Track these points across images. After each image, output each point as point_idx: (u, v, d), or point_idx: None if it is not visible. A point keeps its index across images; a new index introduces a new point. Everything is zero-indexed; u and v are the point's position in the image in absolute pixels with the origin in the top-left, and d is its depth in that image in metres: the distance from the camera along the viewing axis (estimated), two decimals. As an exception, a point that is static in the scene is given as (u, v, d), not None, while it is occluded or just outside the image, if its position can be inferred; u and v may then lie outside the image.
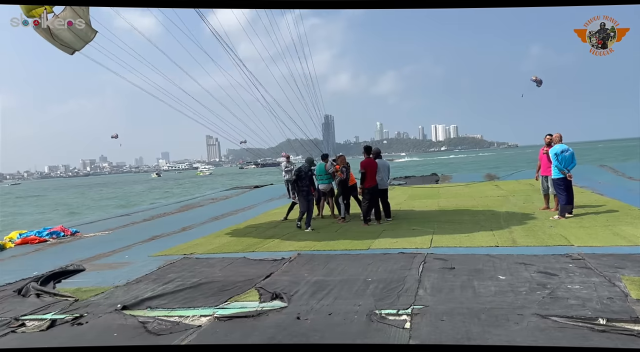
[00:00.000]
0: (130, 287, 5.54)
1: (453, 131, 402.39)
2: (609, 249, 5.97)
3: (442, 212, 10.32)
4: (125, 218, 13.82)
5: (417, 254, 6.34)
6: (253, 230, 9.54)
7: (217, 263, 6.59)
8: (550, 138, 8.98)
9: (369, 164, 9.14)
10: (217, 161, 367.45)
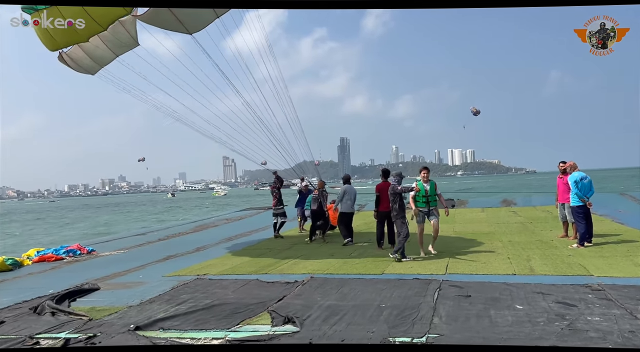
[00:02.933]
0: (143, 308, 5.55)
1: (470, 156, 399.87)
2: (630, 280, 5.81)
3: (458, 237, 10.19)
4: (140, 237, 13.94)
5: (432, 280, 6.24)
6: (267, 251, 9.54)
7: (230, 285, 6.58)
8: (565, 165, 8.91)
9: (384, 188, 9.11)
10: (232, 182, 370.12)
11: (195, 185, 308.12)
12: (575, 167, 8.56)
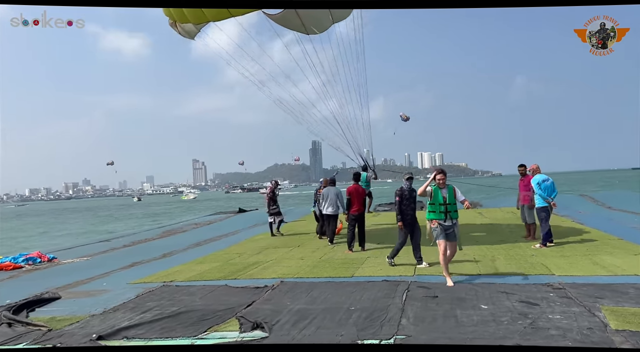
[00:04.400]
0: (107, 316, 5.38)
1: (439, 159, 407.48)
2: (589, 278, 6.03)
3: (426, 239, 10.33)
4: (105, 244, 13.53)
5: (400, 282, 6.32)
6: (236, 256, 9.42)
7: (198, 291, 6.47)
8: (523, 169, 9.22)
9: (355, 191, 9.28)
10: (202, 185, 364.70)
11: (164, 188, 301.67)
12: (538, 170, 8.84)
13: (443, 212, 6.31)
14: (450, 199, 6.35)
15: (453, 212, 6.34)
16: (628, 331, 4.02)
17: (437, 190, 6.36)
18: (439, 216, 6.30)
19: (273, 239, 11.84)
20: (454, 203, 6.38)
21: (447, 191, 6.38)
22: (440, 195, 6.34)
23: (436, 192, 6.35)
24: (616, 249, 7.81)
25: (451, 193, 6.38)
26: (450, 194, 6.37)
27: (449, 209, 6.32)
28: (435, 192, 6.35)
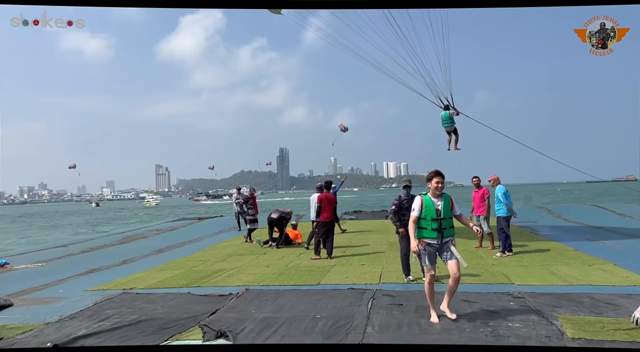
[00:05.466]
0: (62, 324, 5.15)
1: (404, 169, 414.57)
2: (547, 288, 6.25)
3: (391, 247, 10.46)
4: (61, 249, 12.98)
5: (366, 290, 6.35)
6: (199, 264, 9.23)
7: (159, 299, 6.29)
8: (477, 180, 9.52)
9: (325, 199, 9.45)
10: (165, 191, 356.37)
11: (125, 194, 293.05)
12: (499, 181, 9.14)
13: (436, 230, 4.87)
14: (445, 212, 4.92)
15: (448, 229, 4.93)
16: (583, 339, 4.18)
17: (429, 200, 4.95)
18: (430, 234, 4.89)
19: (238, 246, 11.71)
20: (450, 218, 4.97)
21: (442, 201, 4.96)
22: (434, 206, 4.91)
23: (428, 203, 4.94)
24: (571, 260, 8.13)
25: (447, 204, 4.94)
26: (446, 205, 4.93)
27: (443, 225, 4.89)
28: (426, 202, 4.95)
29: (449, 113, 11.66)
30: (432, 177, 4.97)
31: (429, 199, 4.98)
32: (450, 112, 11.66)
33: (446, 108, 11.64)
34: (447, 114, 11.68)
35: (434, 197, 4.97)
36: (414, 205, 5.00)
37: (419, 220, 4.95)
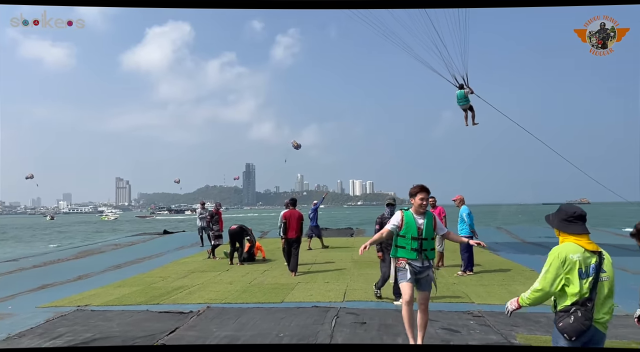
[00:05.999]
0: (11, 343, 4.87)
1: (369, 187, 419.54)
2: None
3: (356, 264, 10.50)
4: (11, 264, 12.32)
5: (330, 308, 6.32)
6: (159, 280, 8.96)
7: (116, 316, 6.05)
8: (434, 200, 9.76)
9: (291, 216, 9.51)
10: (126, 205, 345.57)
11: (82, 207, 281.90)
12: (463, 201, 9.37)
13: (416, 250, 4.48)
14: (428, 231, 4.50)
15: (429, 251, 4.53)
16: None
17: (410, 217, 4.53)
18: (409, 254, 4.49)
19: (201, 262, 11.47)
20: (432, 239, 4.56)
21: (425, 219, 4.53)
22: (415, 224, 4.50)
23: (410, 220, 4.51)
24: (529, 280, 8.38)
25: (430, 223, 4.53)
26: (429, 224, 4.52)
27: (424, 246, 4.49)
28: (407, 218, 4.52)
29: (464, 92, 12.27)
30: (416, 192, 4.52)
31: (410, 215, 4.54)
32: (465, 91, 12.30)
33: (461, 87, 12.23)
34: (462, 93, 12.32)
35: (417, 214, 4.54)
36: (393, 219, 4.56)
37: (397, 238, 4.52)
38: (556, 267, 2.97)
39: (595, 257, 2.96)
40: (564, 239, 3.09)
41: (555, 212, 3.22)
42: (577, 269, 2.92)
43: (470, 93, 12.18)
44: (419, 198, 4.50)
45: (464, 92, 12.11)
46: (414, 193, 4.54)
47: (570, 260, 2.93)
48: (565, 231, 3.09)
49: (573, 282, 2.93)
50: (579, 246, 2.98)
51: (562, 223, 3.10)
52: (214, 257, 11.91)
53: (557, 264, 2.97)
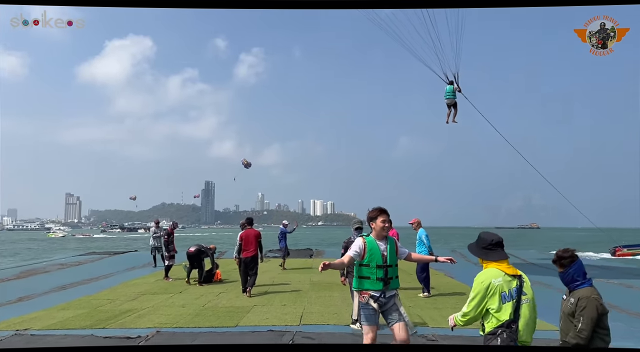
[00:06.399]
0: None
1: (330, 207, 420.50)
2: (459, 331, 6.47)
3: (314, 286, 10.41)
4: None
5: (285, 332, 6.20)
6: (107, 303, 8.53)
7: (58, 341, 5.70)
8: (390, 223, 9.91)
9: (247, 235, 9.46)
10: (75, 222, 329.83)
11: (28, 224, 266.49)
12: (420, 224, 9.54)
13: (382, 280, 4.11)
14: (392, 258, 4.19)
15: (394, 280, 4.20)
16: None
17: (373, 243, 4.17)
18: (375, 285, 4.11)
19: (152, 283, 11.04)
20: (396, 265, 4.25)
21: (387, 244, 4.21)
22: (379, 251, 4.15)
23: (373, 247, 4.15)
24: (481, 302, 8.58)
25: (393, 248, 4.23)
26: (392, 250, 4.21)
27: (390, 274, 4.15)
28: (371, 245, 4.15)
29: (453, 87, 12.84)
30: (377, 216, 4.21)
31: (373, 241, 4.17)
32: (454, 87, 12.85)
33: (450, 83, 12.76)
34: (451, 88, 12.89)
35: (379, 239, 4.20)
36: (354, 246, 4.15)
37: (359, 268, 4.13)
38: (481, 293, 3.20)
39: (516, 280, 3.21)
40: (486, 265, 3.34)
41: (475, 241, 3.48)
42: (500, 293, 3.15)
43: (457, 90, 12.80)
44: (381, 221, 4.18)
45: (453, 87, 12.76)
46: (374, 217, 4.22)
47: (494, 285, 3.17)
48: (486, 258, 3.34)
49: (497, 306, 3.15)
50: (500, 271, 3.22)
51: (483, 251, 3.36)
52: (167, 278, 11.51)
53: (481, 290, 3.21)
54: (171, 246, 11.82)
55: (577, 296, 3.53)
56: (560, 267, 3.68)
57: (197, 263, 10.82)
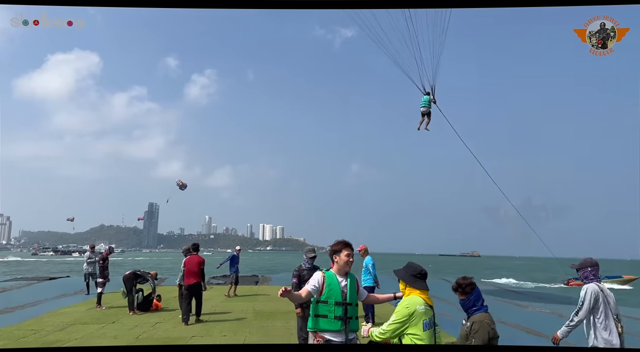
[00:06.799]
0: None
1: (279, 232, 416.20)
2: None
3: (257, 315, 10.15)
4: None
5: (224, 365, 5.96)
6: (31, 334, 7.87)
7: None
8: None
9: (191, 262, 9.28)
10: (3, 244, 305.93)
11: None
12: (367, 251, 9.60)
13: (340, 318, 3.74)
14: (352, 295, 3.85)
15: (354, 320, 3.81)
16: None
17: (333, 278, 3.84)
18: (332, 325, 3.73)
19: (83, 313, 10.35)
20: (357, 305, 3.90)
21: (348, 281, 3.88)
22: (339, 287, 3.82)
23: (333, 282, 3.82)
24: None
25: (354, 286, 3.89)
26: (352, 287, 3.87)
27: (349, 313, 3.78)
28: (330, 280, 3.82)
29: (429, 98, 13.21)
30: (341, 249, 3.89)
31: (333, 276, 3.83)
32: (430, 98, 13.22)
33: (427, 94, 13.13)
34: (427, 98, 13.24)
35: (340, 275, 3.86)
36: (312, 280, 3.83)
37: (316, 305, 3.78)
38: (404, 318, 3.37)
39: (432, 311, 3.45)
40: (410, 292, 3.53)
41: (404, 267, 3.68)
42: (422, 320, 3.36)
43: (433, 102, 13.33)
44: (345, 255, 3.86)
45: (429, 98, 13.29)
46: (338, 250, 3.89)
47: (418, 311, 3.37)
48: (412, 285, 3.53)
49: (419, 333, 3.34)
50: (423, 300, 3.44)
51: (411, 278, 3.56)
52: (99, 306, 10.84)
53: (405, 315, 3.38)
54: (106, 272, 11.22)
55: (472, 320, 3.82)
56: (462, 294, 3.94)
57: (129, 288, 10.30)
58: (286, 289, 3.55)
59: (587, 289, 4.43)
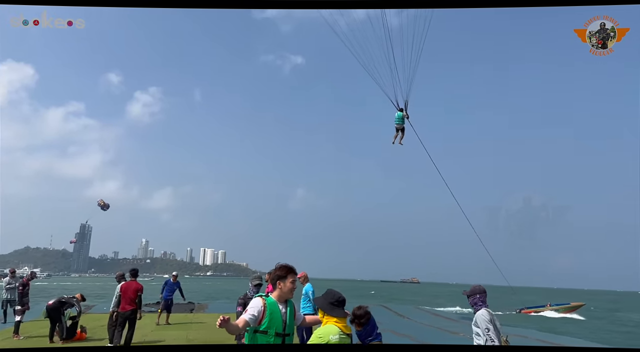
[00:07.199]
0: None
1: (221, 257, 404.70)
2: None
3: (190, 345, 9.80)
4: None
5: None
6: None
7: None
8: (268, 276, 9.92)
9: (127, 288, 9.02)
10: None
11: None
12: (307, 278, 9.57)
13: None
14: (290, 325, 3.66)
15: None
16: None
17: (275, 306, 3.60)
18: None
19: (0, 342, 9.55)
20: (293, 334, 3.71)
21: (287, 309, 3.67)
22: (280, 315, 3.59)
23: (275, 311, 3.58)
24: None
25: (292, 313, 3.70)
26: (291, 315, 3.68)
27: (287, 342, 3.61)
28: (271, 308, 3.58)
29: (402, 115, 13.52)
30: (286, 275, 3.65)
31: (275, 304, 3.59)
32: (403, 114, 13.53)
33: (400, 110, 13.41)
34: (400, 114, 13.56)
35: (280, 302, 3.63)
36: (251, 309, 3.52)
37: (254, 335, 3.51)
38: None
39: (349, 338, 3.51)
40: (327, 320, 3.58)
41: (323, 295, 3.73)
42: None
43: (406, 117, 13.68)
44: (291, 282, 3.64)
45: (402, 114, 13.62)
46: (283, 275, 3.65)
47: (330, 341, 3.41)
48: (330, 313, 3.58)
49: None
50: (338, 328, 3.48)
51: (329, 306, 3.60)
52: (17, 336, 10.06)
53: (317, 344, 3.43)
54: (25, 299, 10.49)
55: None
56: (359, 326, 3.92)
57: (57, 319, 9.69)
58: (224, 318, 3.26)
59: (484, 315, 4.64)
